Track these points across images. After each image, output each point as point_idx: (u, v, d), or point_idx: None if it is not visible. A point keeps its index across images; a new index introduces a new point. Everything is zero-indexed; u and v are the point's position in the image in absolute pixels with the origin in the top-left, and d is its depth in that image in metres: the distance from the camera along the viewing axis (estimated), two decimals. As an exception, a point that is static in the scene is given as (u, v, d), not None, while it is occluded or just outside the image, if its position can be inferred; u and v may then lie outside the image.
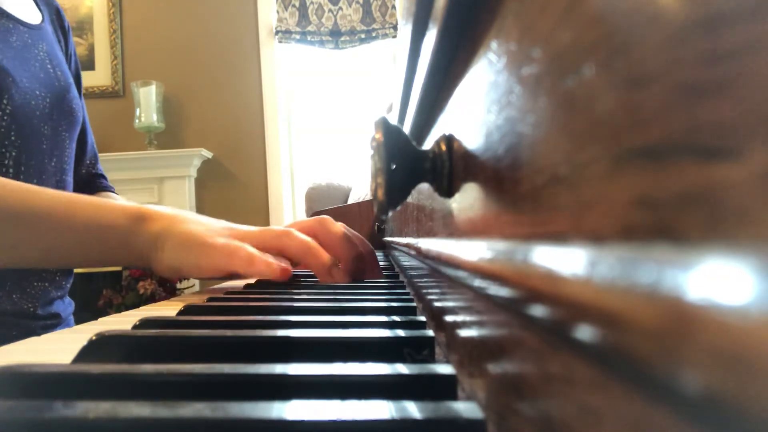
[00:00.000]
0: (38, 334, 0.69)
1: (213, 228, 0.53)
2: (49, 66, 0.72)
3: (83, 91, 0.85)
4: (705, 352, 0.06)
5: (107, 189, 0.87)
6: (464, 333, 0.21)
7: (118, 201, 0.75)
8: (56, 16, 0.80)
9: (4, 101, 0.64)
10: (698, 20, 0.07)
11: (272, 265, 0.51)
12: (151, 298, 2.42)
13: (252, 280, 0.64)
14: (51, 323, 0.72)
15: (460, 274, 0.19)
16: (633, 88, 0.08)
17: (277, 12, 2.83)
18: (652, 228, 0.08)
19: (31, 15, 0.73)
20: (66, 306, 0.76)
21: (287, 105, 2.95)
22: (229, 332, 0.28)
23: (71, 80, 0.76)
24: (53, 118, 0.71)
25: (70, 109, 0.74)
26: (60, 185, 0.73)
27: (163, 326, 0.32)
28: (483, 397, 0.18)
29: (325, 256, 0.54)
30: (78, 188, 0.82)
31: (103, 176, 0.88)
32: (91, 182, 0.86)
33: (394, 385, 0.21)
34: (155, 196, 2.65)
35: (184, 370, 0.22)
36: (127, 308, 2.24)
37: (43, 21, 0.75)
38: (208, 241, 0.51)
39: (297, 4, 2.83)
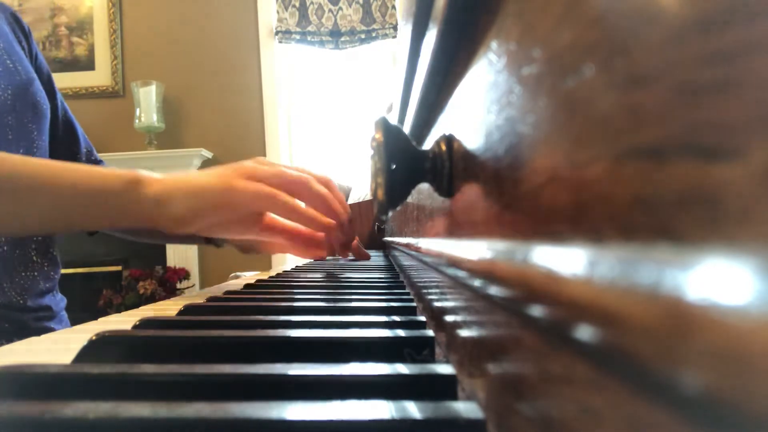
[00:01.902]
0: (30, 327, 0.71)
1: (216, 173, 0.56)
2: (8, 61, 0.74)
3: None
4: (705, 352, 0.06)
5: None
6: (464, 333, 0.21)
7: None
8: (13, 19, 0.83)
9: None
10: (698, 20, 0.07)
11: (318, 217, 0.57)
12: (151, 298, 2.42)
13: (252, 280, 0.64)
14: (43, 315, 0.74)
15: (460, 273, 0.19)
16: (633, 88, 0.08)
17: (277, 12, 2.83)
18: (652, 228, 0.08)
19: None
20: (58, 301, 0.79)
21: (287, 105, 2.95)
22: (229, 332, 0.28)
23: (34, 75, 0.78)
24: (17, 109, 0.73)
25: (34, 102, 0.76)
26: None
27: (163, 326, 0.32)
28: (483, 397, 0.18)
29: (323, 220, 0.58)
30: None
31: (101, 162, 0.92)
32: None
33: (394, 385, 0.21)
34: (155, 196, 2.64)
35: (184, 370, 0.22)
36: (127, 308, 2.24)
37: None
38: (226, 187, 0.54)
39: (297, 5, 2.83)
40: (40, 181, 0.51)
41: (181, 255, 2.62)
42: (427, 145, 0.34)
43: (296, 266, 0.76)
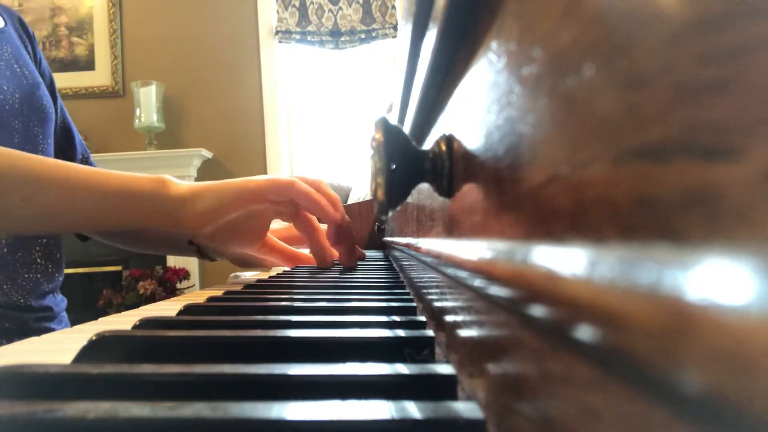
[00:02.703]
0: (31, 327, 0.71)
1: (240, 179, 0.61)
2: (15, 65, 0.75)
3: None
4: (705, 352, 0.06)
5: None
6: (464, 333, 0.21)
7: None
8: (19, 25, 0.84)
9: None
10: (698, 20, 0.07)
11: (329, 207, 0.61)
12: (151, 298, 2.42)
13: (252, 280, 0.64)
14: (43, 316, 0.74)
15: (460, 273, 0.19)
16: (633, 88, 0.08)
17: (277, 12, 2.83)
18: (652, 228, 0.08)
19: None
20: (59, 302, 0.79)
21: (287, 105, 2.95)
22: (229, 332, 0.28)
23: (39, 79, 0.79)
24: (24, 113, 0.74)
25: (40, 105, 0.77)
26: None
27: (163, 326, 0.32)
28: (483, 397, 0.18)
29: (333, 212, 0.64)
30: None
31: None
32: None
33: (394, 385, 0.21)
34: (155, 196, 2.64)
35: (184, 370, 0.22)
36: (127, 308, 2.24)
37: (6, 26, 0.79)
38: (246, 181, 0.59)
39: (297, 4, 2.83)
40: (73, 183, 0.54)
41: (181, 255, 2.62)
42: (427, 145, 0.34)
43: (296, 266, 0.76)
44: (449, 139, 0.24)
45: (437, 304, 0.30)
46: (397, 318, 0.34)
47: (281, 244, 0.71)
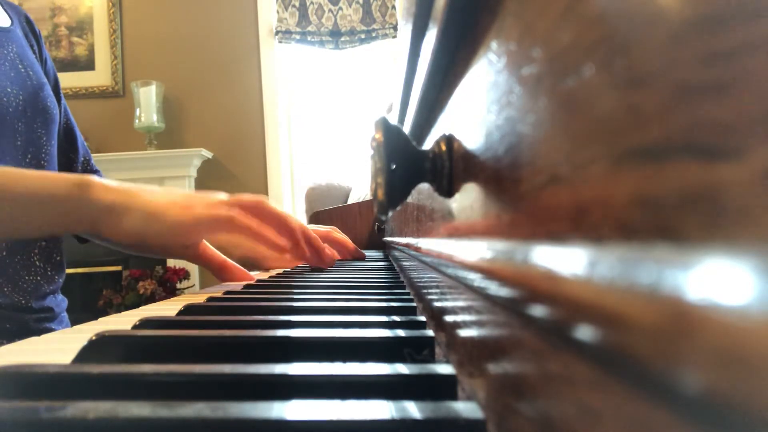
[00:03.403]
0: (31, 327, 0.71)
1: (175, 200, 0.56)
2: (20, 66, 0.74)
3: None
4: (705, 352, 0.06)
5: None
6: (464, 333, 0.21)
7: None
8: (26, 23, 0.83)
9: None
10: (698, 20, 0.07)
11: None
12: (151, 298, 2.42)
13: (252, 281, 0.64)
14: (44, 317, 0.74)
15: (460, 274, 0.19)
16: (633, 88, 0.08)
17: (277, 12, 2.83)
18: (652, 228, 0.08)
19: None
20: (59, 302, 0.79)
21: (287, 105, 2.95)
22: (229, 332, 0.28)
23: (44, 80, 0.78)
24: (27, 114, 0.73)
25: (44, 107, 0.75)
26: None
27: (163, 326, 0.32)
28: (483, 397, 0.18)
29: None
30: None
31: (98, 171, 0.91)
32: None
33: (394, 385, 0.21)
34: (155, 196, 2.64)
35: (184, 370, 0.22)
36: (127, 308, 2.24)
37: (12, 25, 0.77)
38: (183, 210, 0.54)
39: (297, 4, 2.83)
40: None
41: (181, 255, 2.62)
42: (427, 145, 0.34)
43: (296, 266, 0.76)
44: (449, 139, 0.24)
45: (437, 304, 0.30)
46: (397, 318, 0.34)
47: (213, 253, 0.62)
